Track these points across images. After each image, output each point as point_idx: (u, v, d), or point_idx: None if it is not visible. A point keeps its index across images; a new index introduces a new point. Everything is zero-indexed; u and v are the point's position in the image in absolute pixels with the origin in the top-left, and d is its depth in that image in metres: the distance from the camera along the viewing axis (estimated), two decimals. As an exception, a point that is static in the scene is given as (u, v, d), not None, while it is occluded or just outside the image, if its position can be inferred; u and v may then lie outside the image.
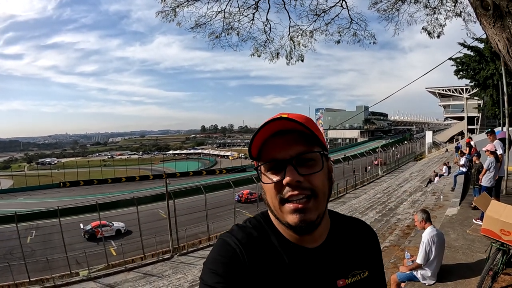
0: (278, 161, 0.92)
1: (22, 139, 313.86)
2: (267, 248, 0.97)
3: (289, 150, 0.92)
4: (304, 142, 0.93)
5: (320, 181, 0.93)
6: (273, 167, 0.93)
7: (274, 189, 0.92)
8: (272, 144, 0.93)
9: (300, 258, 0.97)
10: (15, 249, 20.39)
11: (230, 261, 0.91)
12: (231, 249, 0.93)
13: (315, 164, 0.94)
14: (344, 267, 1.01)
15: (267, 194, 0.96)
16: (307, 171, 0.91)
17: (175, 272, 17.81)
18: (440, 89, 61.50)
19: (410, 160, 50.95)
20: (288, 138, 0.93)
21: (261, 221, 1.04)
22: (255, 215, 1.09)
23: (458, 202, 10.37)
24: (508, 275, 4.88)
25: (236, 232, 1.00)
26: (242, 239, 0.96)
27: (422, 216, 5.31)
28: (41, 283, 17.61)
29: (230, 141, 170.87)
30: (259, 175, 0.97)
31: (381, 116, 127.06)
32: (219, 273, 0.88)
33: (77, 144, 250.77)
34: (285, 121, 0.91)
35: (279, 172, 0.92)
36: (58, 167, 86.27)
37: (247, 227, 1.03)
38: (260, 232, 1.00)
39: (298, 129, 0.93)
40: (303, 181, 0.90)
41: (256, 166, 0.98)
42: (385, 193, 24.59)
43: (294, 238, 0.98)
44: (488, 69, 28.22)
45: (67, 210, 22.96)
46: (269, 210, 1.01)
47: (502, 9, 2.78)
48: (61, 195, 49.57)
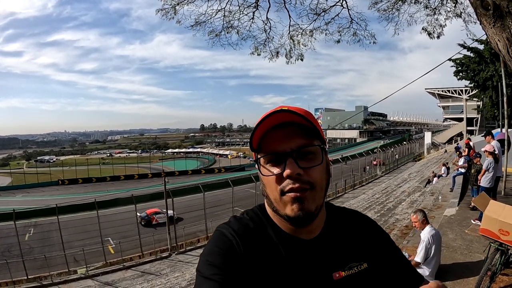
0: (278, 153, 0.92)
1: (21, 137, 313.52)
2: (263, 240, 0.97)
3: (289, 142, 0.92)
4: (304, 135, 0.94)
5: (319, 174, 0.94)
6: (273, 159, 0.94)
7: (275, 181, 0.92)
8: (273, 137, 0.94)
9: (296, 249, 0.97)
10: (13, 247, 20.41)
11: (226, 252, 0.91)
12: (228, 241, 0.94)
13: (315, 157, 0.94)
14: (340, 259, 1.01)
15: (266, 187, 0.96)
16: (307, 164, 0.92)
17: (173, 270, 17.79)
18: (440, 90, 61.56)
19: (409, 161, 50.92)
20: (289, 131, 0.93)
21: (258, 213, 1.05)
22: (252, 207, 1.10)
23: (457, 203, 10.39)
24: (506, 275, 4.89)
25: (233, 223, 1.01)
26: (239, 230, 0.97)
27: (423, 216, 5.33)
28: (39, 280, 17.59)
29: (229, 140, 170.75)
30: (259, 167, 0.97)
31: (380, 117, 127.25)
32: (216, 264, 0.89)
33: (76, 142, 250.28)
34: (286, 114, 0.91)
35: (279, 165, 0.92)
36: (56, 165, 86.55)
37: (244, 218, 1.04)
38: (257, 223, 1.01)
39: (298, 122, 0.93)
40: (303, 174, 0.90)
41: (256, 158, 0.98)
42: (384, 193, 24.61)
43: (290, 230, 0.99)
44: (488, 71, 28.21)
45: (65, 208, 22.91)
46: (266, 203, 1.01)
47: (502, 9, 2.78)
48: (60, 193, 49.48)
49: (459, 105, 59.51)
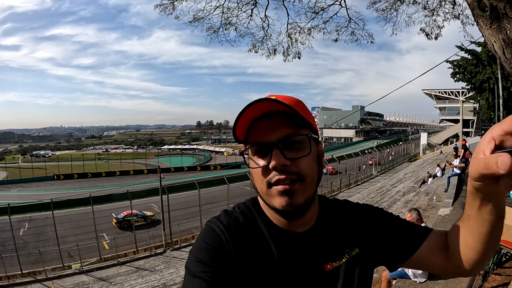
0: (264, 144, 0.89)
1: (17, 131, 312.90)
2: (253, 234, 0.96)
3: (275, 133, 0.89)
4: (291, 124, 0.90)
5: (308, 165, 0.91)
6: (259, 150, 0.91)
7: (261, 173, 0.90)
8: (258, 127, 0.90)
9: (287, 243, 0.95)
10: (8, 241, 20.32)
11: (215, 249, 0.90)
12: (216, 236, 0.92)
13: (302, 147, 0.91)
14: (332, 249, 1.00)
15: (254, 179, 0.94)
16: (294, 155, 0.89)
17: (167, 266, 17.79)
18: (437, 91, 61.88)
19: (404, 161, 51.10)
20: (275, 120, 0.90)
21: (250, 207, 1.03)
22: (245, 200, 1.08)
23: (451, 203, 10.45)
24: (498, 275, 4.92)
25: (222, 217, 0.99)
26: (228, 225, 0.95)
27: (417, 215, 5.35)
28: (33, 275, 17.52)
29: (225, 137, 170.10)
30: (246, 160, 0.95)
31: (377, 117, 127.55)
32: (204, 261, 0.87)
33: (72, 137, 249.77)
34: (272, 103, 0.87)
35: (266, 156, 0.89)
36: (52, 160, 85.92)
37: (235, 212, 1.02)
38: (247, 217, 0.99)
39: (285, 111, 0.89)
40: (289, 165, 0.87)
41: (242, 150, 0.96)
42: (379, 193, 24.71)
43: (282, 223, 0.97)
44: (485, 73, 28.37)
45: (60, 203, 22.88)
46: (258, 195, 0.99)
47: (499, 10, 2.81)
48: (55, 188, 49.39)
49: (455, 107, 59.85)
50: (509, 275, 4.82)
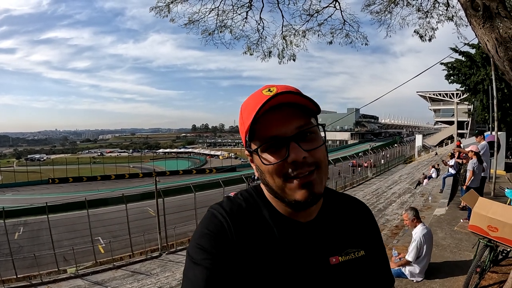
0: (279, 138, 0.85)
1: (11, 134, 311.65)
2: (257, 221, 0.93)
3: (289, 125, 0.85)
4: (301, 115, 0.87)
5: (322, 153, 0.89)
6: (272, 145, 0.86)
7: (277, 168, 0.85)
8: (268, 121, 0.85)
9: (292, 232, 0.93)
10: (2, 245, 20.12)
11: (216, 235, 0.88)
12: (218, 222, 0.90)
13: (316, 137, 0.89)
14: (337, 243, 0.98)
15: (266, 175, 0.88)
16: (309, 146, 0.86)
17: (163, 270, 17.69)
18: (431, 93, 62.23)
19: (399, 163, 51.18)
20: (285, 112, 0.86)
21: (252, 194, 1.00)
22: (247, 188, 1.05)
23: (446, 203, 10.52)
24: (495, 273, 4.95)
25: (225, 203, 0.97)
26: (231, 211, 0.93)
27: (414, 214, 5.36)
28: (28, 279, 17.37)
29: (220, 141, 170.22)
30: (252, 156, 0.92)
31: (372, 119, 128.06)
32: (206, 248, 0.85)
33: (67, 141, 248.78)
34: (282, 96, 0.84)
35: (279, 150, 0.85)
36: (47, 164, 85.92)
37: (237, 198, 0.99)
38: (251, 204, 0.97)
39: (292, 101, 0.87)
40: (308, 157, 0.85)
41: (254, 149, 0.89)
42: (374, 195, 24.71)
43: (286, 212, 0.94)
44: (479, 75, 28.48)
45: (55, 207, 22.77)
46: (265, 189, 0.96)
47: (492, 10, 2.85)
48: (50, 192, 49.05)
49: (450, 109, 60.22)
50: (506, 272, 4.84)
